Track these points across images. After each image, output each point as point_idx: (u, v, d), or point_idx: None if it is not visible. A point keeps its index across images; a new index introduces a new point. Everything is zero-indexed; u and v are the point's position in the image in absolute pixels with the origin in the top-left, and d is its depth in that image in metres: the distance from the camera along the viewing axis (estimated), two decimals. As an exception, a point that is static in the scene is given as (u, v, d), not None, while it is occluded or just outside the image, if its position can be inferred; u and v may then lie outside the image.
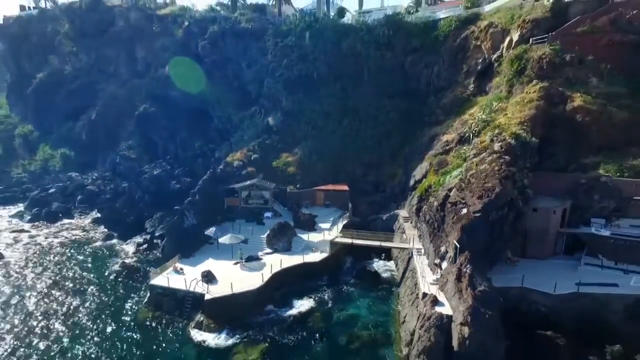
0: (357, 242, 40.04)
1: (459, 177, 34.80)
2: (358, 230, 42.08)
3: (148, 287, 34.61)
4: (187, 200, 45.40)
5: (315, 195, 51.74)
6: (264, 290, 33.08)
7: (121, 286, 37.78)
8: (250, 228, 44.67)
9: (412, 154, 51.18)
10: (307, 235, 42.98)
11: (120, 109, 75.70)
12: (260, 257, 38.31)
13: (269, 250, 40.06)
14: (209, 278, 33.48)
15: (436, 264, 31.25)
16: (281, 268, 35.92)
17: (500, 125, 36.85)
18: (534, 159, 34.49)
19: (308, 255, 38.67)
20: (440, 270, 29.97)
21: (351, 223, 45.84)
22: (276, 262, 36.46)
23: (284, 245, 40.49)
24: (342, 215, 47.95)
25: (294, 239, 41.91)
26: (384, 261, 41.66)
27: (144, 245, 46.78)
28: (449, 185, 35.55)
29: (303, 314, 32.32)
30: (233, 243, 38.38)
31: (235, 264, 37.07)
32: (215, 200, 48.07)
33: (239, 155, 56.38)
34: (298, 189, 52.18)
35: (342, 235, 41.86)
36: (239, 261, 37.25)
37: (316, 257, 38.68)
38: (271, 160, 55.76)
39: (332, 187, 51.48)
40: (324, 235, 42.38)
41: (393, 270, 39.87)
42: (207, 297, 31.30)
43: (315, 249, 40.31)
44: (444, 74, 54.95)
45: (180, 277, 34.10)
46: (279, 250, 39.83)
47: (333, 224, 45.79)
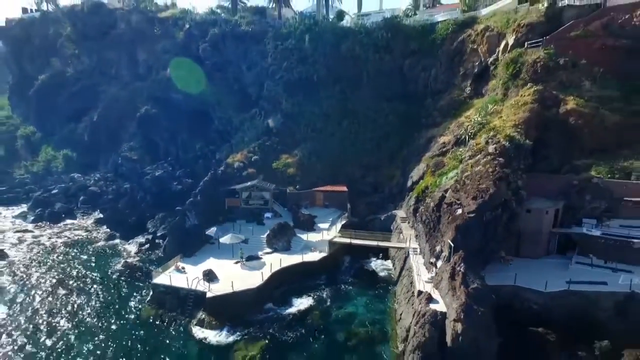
0: (355, 242, 40.75)
1: (454, 179, 35.54)
2: (356, 230, 42.80)
3: (151, 286, 35.35)
4: (189, 201, 46.13)
5: (315, 196, 52.45)
6: (264, 289, 33.82)
7: (124, 285, 38.61)
8: (251, 228, 45.36)
9: (410, 155, 51.84)
10: (307, 235, 43.69)
11: (122, 110, 76.22)
12: (260, 257, 39.06)
13: (268, 249, 40.76)
14: (210, 277, 34.25)
15: (432, 263, 32.04)
16: (281, 267, 36.62)
17: (495, 128, 37.58)
18: (527, 161, 35.25)
19: (307, 255, 39.39)
20: (435, 269, 30.75)
21: (350, 223, 46.59)
22: (276, 262, 37.17)
23: (284, 245, 41.19)
24: (341, 216, 48.66)
25: (293, 238, 42.64)
26: (381, 260, 42.41)
27: (146, 245, 47.50)
28: (445, 186, 36.33)
29: (302, 312, 33.05)
30: (234, 243, 39.04)
31: (236, 263, 37.82)
32: (216, 201, 48.79)
33: (239, 156, 56.98)
34: (298, 189, 52.82)
35: (341, 235, 42.63)
36: (240, 260, 38.00)
37: (315, 257, 39.35)
38: (271, 161, 56.32)
39: (331, 188, 52.15)
40: (323, 235, 43.12)
41: (390, 269, 40.64)
42: (209, 295, 32.07)
43: (314, 248, 40.97)
44: (441, 77, 55.70)
45: (182, 276, 34.87)
46: (278, 250, 40.52)
47: (332, 224, 46.49)
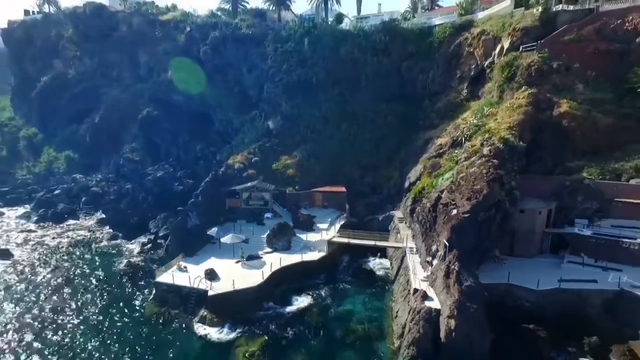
0: (354, 242, 41.62)
1: (450, 180, 36.28)
2: (355, 230, 43.62)
3: (154, 284, 36.18)
4: (190, 202, 46.96)
5: (314, 196, 53.26)
6: (264, 287, 34.68)
7: (127, 284, 39.44)
8: (251, 228, 46.23)
9: (408, 156, 52.60)
10: (306, 235, 44.53)
11: (123, 112, 77.10)
12: (260, 256, 39.86)
13: (269, 249, 41.58)
14: (212, 275, 35.09)
15: (428, 262, 32.90)
16: (281, 266, 37.45)
17: (490, 130, 38.40)
18: (521, 162, 36.11)
19: (306, 254, 40.18)
20: (431, 268, 31.60)
21: (348, 223, 47.34)
22: (276, 261, 38.01)
23: (284, 244, 42.00)
24: (340, 216, 49.43)
25: (293, 238, 43.45)
26: (379, 260, 43.13)
27: (148, 245, 48.30)
28: (441, 187, 37.13)
29: (301, 310, 33.92)
30: (234, 242, 39.84)
31: (237, 262, 38.64)
32: (217, 202, 49.63)
33: (239, 157, 57.77)
34: (297, 190, 53.58)
35: (339, 235, 43.47)
36: (240, 260, 38.84)
37: (314, 256, 40.16)
38: (271, 162, 57.06)
39: (330, 189, 52.92)
40: (322, 235, 43.96)
41: (388, 268, 41.42)
42: (211, 294, 32.95)
43: (313, 248, 41.76)
44: (439, 79, 56.46)
45: (185, 275, 35.73)
46: (278, 250, 41.31)
47: (331, 224, 47.30)
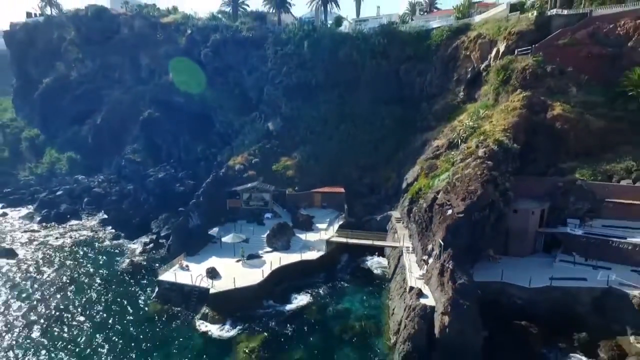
0: (352, 241, 42.43)
1: (446, 181, 37.14)
2: (353, 230, 44.44)
3: (156, 283, 36.99)
4: (192, 202, 47.74)
5: (313, 197, 54.08)
6: (264, 285, 35.52)
7: (131, 282, 40.27)
8: (251, 228, 47.07)
9: (406, 158, 53.36)
10: (305, 235, 45.32)
11: (125, 114, 78.00)
12: (260, 255, 40.67)
13: (269, 248, 42.39)
14: (213, 274, 35.92)
15: (424, 260, 33.72)
16: (280, 265, 38.27)
17: (485, 132, 39.29)
18: (515, 164, 37.02)
19: (305, 254, 40.94)
20: (426, 266, 32.45)
21: (347, 223, 48.06)
22: (275, 260, 38.84)
23: (283, 244, 42.79)
24: (338, 216, 50.21)
25: (292, 238, 44.28)
26: (377, 259, 43.93)
27: (150, 245, 49.15)
28: (437, 188, 37.96)
29: (300, 308, 34.73)
30: (235, 242, 40.55)
31: (237, 261, 39.44)
32: (218, 202, 50.39)
33: (240, 159, 58.56)
34: (296, 191, 54.41)
35: (338, 235, 44.28)
36: (241, 259, 39.66)
37: (313, 256, 40.92)
38: (271, 164, 57.86)
39: (329, 190, 53.75)
40: (321, 235, 44.80)
41: (385, 267, 42.20)
42: (212, 292, 33.77)
43: (312, 247, 42.49)
44: (436, 82, 57.32)
45: (186, 274, 36.54)
46: (278, 249, 42.09)
47: (329, 224, 48.10)
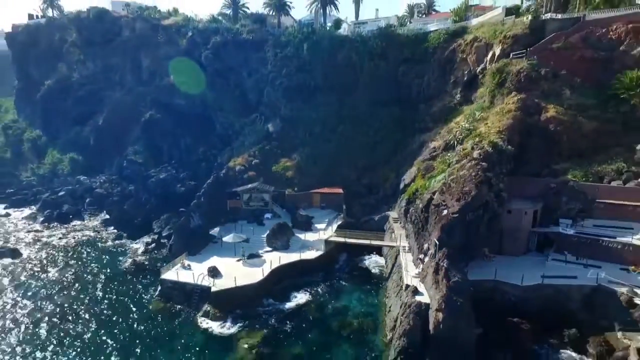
0: (350, 241, 43.26)
1: (442, 182, 37.94)
2: (351, 230, 45.22)
3: (159, 282, 37.85)
4: (193, 203, 48.67)
5: (312, 197, 54.97)
6: (264, 284, 36.42)
7: (134, 281, 41.14)
8: (252, 228, 47.93)
9: (404, 159, 54.17)
10: (304, 235, 46.20)
11: (126, 115, 78.73)
12: (260, 255, 41.53)
13: (268, 248, 43.25)
14: (215, 273, 36.82)
15: (420, 259, 34.62)
16: (280, 264, 39.17)
17: (480, 134, 40.12)
18: (509, 165, 37.79)
19: (305, 253, 41.82)
20: (422, 265, 33.34)
21: (345, 224, 48.78)
22: (275, 259, 39.74)
23: (283, 244, 43.66)
24: (337, 217, 51.06)
25: (291, 238, 45.17)
26: (375, 258, 44.86)
27: (152, 245, 49.96)
28: (433, 189, 38.79)
29: (300, 306, 35.63)
30: (236, 242, 41.40)
31: (238, 260, 40.30)
32: (219, 203, 51.22)
33: (240, 160, 59.48)
34: (296, 191, 55.31)
35: (336, 234, 45.11)
36: (242, 258, 40.52)
37: (312, 255, 41.79)
38: (271, 164, 58.76)
39: (328, 190, 54.59)
40: (320, 235, 45.70)
41: (383, 266, 43.09)
42: (213, 290, 34.64)
43: (311, 247, 43.36)
44: (434, 84, 58.10)
45: (188, 273, 37.41)
46: (278, 249, 42.95)
47: (328, 224, 48.97)
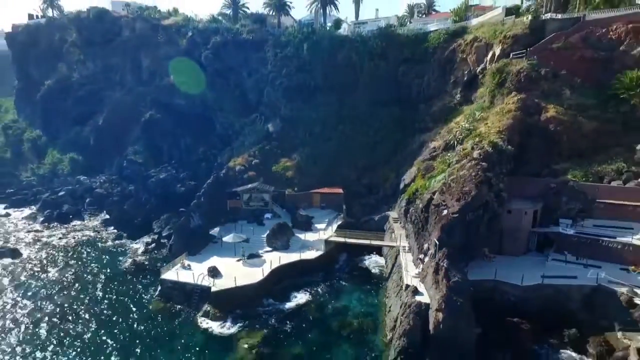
0: (350, 241, 43.27)
1: (442, 182, 37.93)
2: (351, 230, 45.23)
3: (159, 282, 37.84)
4: (193, 203, 48.69)
5: (312, 197, 54.99)
6: (264, 284, 36.43)
7: (134, 281, 41.15)
8: (252, 228, 47.94)
9: (404, 159, 54.16)
10: (304, 235, 46.22)
11: (126, 115, 78.72)
12: (260, 255, 41.54)
13: (268, 248, 43.27)
14: (215, 273, 36.83)
15: (420, 259, 34.62)
16: (280, 264, 39.18)
17: (480, 134, 40.11)
18: (509, 165, 37.76)
19: (305, 253, 41.83)
20: (422, 265, 33.34)
21: (345, 224, 48.80)
22: (275, 259, 39.76)
23: (283, 244, 43.67)
24: (337, 217, 51.07)
25: (291, 238, 45.18)
26: (375, 258, 44.87)
27: (152, 245, 49.96)
28: (433, 189, 38.78)
29: (300, 306, 35.63)
30: (236, 242, 41.41)
31: (238, 260, 40.30)
32: (219, 203, 51.23)
33: (240, 160, 59.49)
34: (296, 192, 55.33)
35: (336, 234, 45.11)
36: (242, 258, 40.52)
37: (312, 255, 41.80)
38: (271, 164, 58.80)
39: (328, 190, 54.61)
40: (320, 235, 45.72)
41: (383, 266, 43.08)
42: (213, 290, 34.64)
43: (311, 247, 43.38)
44: (434, 84, 58.08)
45: (188, 273, 37.41)
46: (278, 249, 42.96)
47: (328, 224, 48.98)
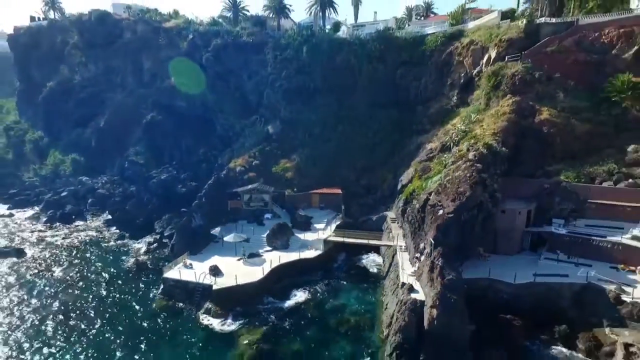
0: (348, 241, 44.19)
1: (438, 183, 38.81)
2: (350, 230, 46.16)
3: (162, 280, 38.66)
4: (195, 203, 49.61)
5: (311, 198, 55.94)
6: (265, 282, 37.28)
7: (137, 280, 41.99)
8: (252, 228, 48.82)
9: (401, 160, 55.06)
10: (303, 235, 47.13)
11: (128, 116, 79.71)
12: (260, 254, 42.37)
13: (268, 247, 44.10)
14: (216, 272, 37.70)
15: (416, 258, 35.46)
16: (280, 263, 40.02)
17: (476, 136, 41.05)
18: (504, 166, 38.71)
19: (304, 253, 42.64)
20: (418, 263, 34.21)
21: (344, 224, 49.74)
22: (275, 258, 40.63)
23: (282, 243, 44.53)
24: (336, 217, 51.99)
25: (291, 238, 46.05)
26: (373, 257, 45.72)
27: (154, 244, 50.80)
28: (430, 189, 39.62)
29: (299, 303, 36.46)
30: (236, 241, 42.25)
31: (239, 259, 41.14)
32: (220, 203, 52.18)
33: (240, 161, 60.41)
34: (295, 192, 56.25)
35: (335, 234, 46.00)
36: (242, 257, 41.36)
37: (311, 254, 42.65)
38: (271, 165, 59.75)
39: (327, 191, 55.57)
40: (319, 235, 46.59)
41: (380, 265, 43.94)
42: (215, 288, 35.49)
43: (310, 247, 44.25)
44: (431, 86, 59.07)
45: (190, 271, 38.24)
46: (277, 248, 43.78)
47: (327, 224, 49.87)
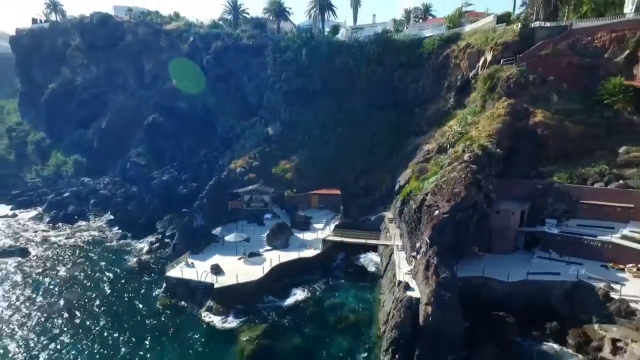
0: (347, 240, 45.14)
1: (434, 183, 39.71)
2: (348, 230, 47.14)
3: (164, 278, 39.59)
4: (196, 204, 50.56)
5: (310, 198, 56.90)
6: (265, 281, 38.15)
7: (139, 279, 42.86)
8: (252, 228, 49.70)
9: (399, 161, 55.98)
10: (303, 234, 48.08)
11: (129, 118, 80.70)
12: (261, 253, 43.24)
13: (268, 247, 45.00)
14: (217, 270, 38.58)
15: (412, 257, 36.32)
16: (279, 263, 40.86)
17: (472, 138, 41.95)
18: (498, 168, 39.55)
19: (303, 252, 43.52)
20: (414, 262, 35.09)
21: (343, 224, 50.68)
22: (275, 258, 41.47)
23: (282, 243, 45.42)
24: (335, 217, 52.95)
25: (291, 237, 46.96)
26: (371, 257, 46.57)
27: (156, 244, 51.65)
28: (426, 190, 40.47)
29: (298, 302, 37.28)
30: (237, 241, 43.12)
31: (239, 259, 42.01)
32: (221, 204, 53.13)
33: (241, 162, 61.36)
34: (295, 193, 57.19)
35: (334, 234, 46.94)
36: (243, 256, 42.25)
37: (310, 254, 43.53)
38: (271, 167, 60.68)
39: (326, 192, 56.53)
40: (318, 235, 47.52)
41: (378, 264, 44.79)
42: (216, 286, 36.35)
43: (309, 246, 45.14)
44: (428, 89, 60.05)
45: (192, 270, 39.14)
46: (277, 248, 44.64)
47: (326, 224, 50.84)
